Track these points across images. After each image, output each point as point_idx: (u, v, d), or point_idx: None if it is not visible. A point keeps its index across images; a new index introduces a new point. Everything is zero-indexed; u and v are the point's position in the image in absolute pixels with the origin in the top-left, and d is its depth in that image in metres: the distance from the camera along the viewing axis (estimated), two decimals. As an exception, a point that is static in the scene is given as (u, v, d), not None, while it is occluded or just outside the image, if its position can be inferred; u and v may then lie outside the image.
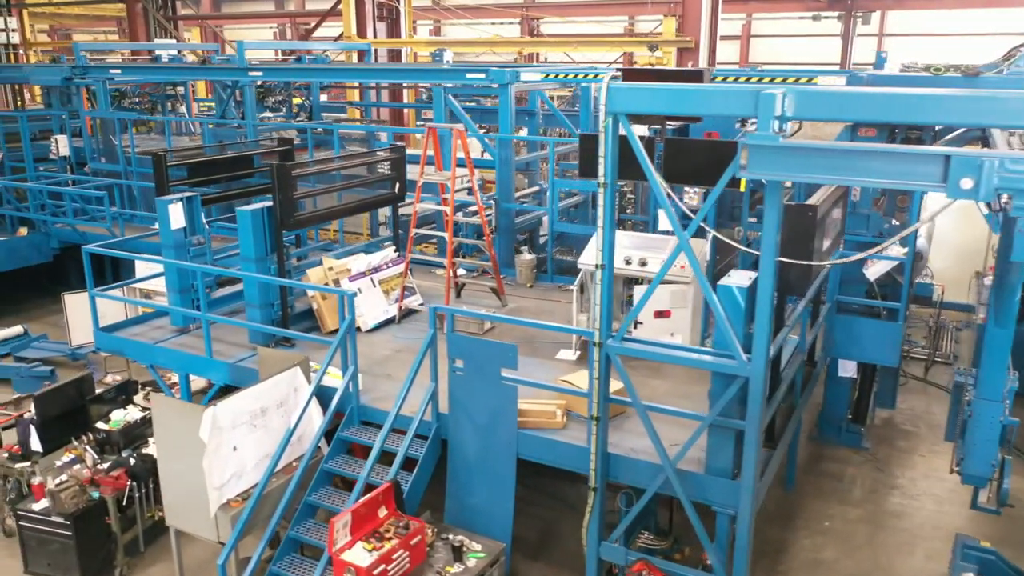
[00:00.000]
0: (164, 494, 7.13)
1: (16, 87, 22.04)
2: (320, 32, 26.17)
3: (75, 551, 7.42)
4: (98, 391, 8.80)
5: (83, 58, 15.44)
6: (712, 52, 17.36)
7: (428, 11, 29.79)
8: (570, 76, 11.61)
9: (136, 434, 8.44)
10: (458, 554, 6.56)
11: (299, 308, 9.43)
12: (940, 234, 12.86)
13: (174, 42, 22.88)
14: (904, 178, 4.57)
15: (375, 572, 6.04)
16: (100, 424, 8.41)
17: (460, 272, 10.39)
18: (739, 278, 6.00)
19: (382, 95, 20.18)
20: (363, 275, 9.62)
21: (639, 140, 5.53)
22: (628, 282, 8.91)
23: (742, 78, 10.63)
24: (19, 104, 22.34)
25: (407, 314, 9.89)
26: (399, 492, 6.72)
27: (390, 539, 6.35)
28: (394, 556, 6.22)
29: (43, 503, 7.51)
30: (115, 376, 9.72)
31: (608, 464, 6.49)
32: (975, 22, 24.41)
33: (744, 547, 6.03)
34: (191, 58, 21.55)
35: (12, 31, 22.74)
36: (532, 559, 8.04)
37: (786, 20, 29.33)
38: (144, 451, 8.21)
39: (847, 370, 9.90)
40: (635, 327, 8.02)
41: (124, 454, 8.10)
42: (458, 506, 7.26)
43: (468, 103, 14.90)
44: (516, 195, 11.61)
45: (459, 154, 9.46)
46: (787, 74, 11.33)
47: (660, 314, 8.39)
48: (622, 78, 9.19)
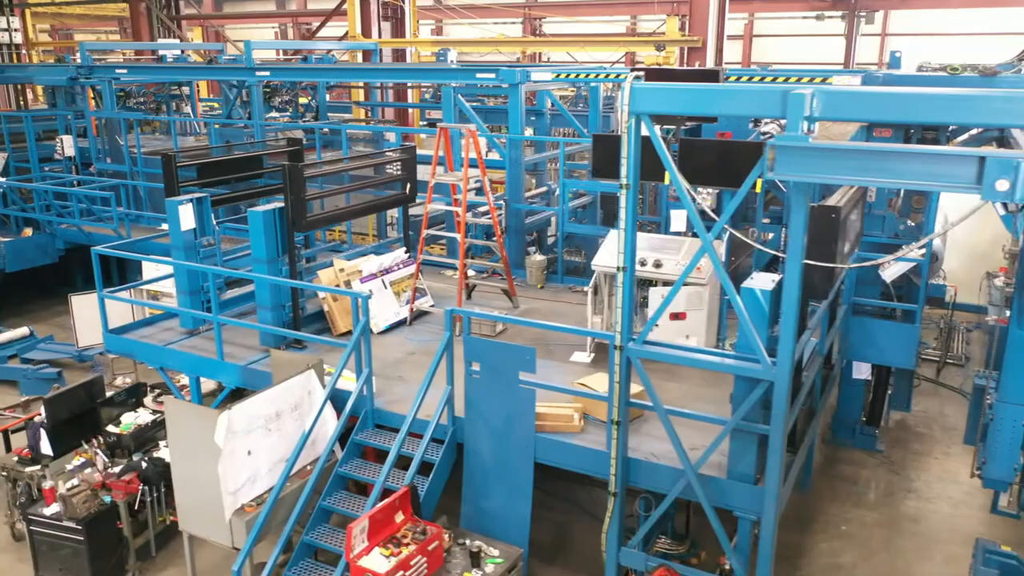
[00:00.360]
0: (177, 499, 7.05)
1: (18, 87, 21.94)
2: (322, 32, 26.05)
3: (87, 556, 7.34)
4: (108, 394, 8.72)
5: (88, 58, 15.35)
6: (719, 52, 17.29)
7: (431, 11, 29.71)
8: (580, 76, 11.52)
9: (147, 437, 8.36)
10: (476, 560, 6.49)
11: (310, 310, 9.36)
12: (950, 234, 12.78)
13: (178, 42, 22.79)
14: (937, 180, 4.49)
15: (393, 578, 5.97)
16: (110, 427, 8.32)
17: (469, 273, 10.32)
18: (762, 281, 5.93)
19: (387, 95, 20.11)
20: (374, 276, 9.55)
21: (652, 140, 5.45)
22: (642, 284, 8.83)
23: (755, 78, 10.55)
24: (20, 104, 22.25)
25: (418, 316, 9.82)
26: (416, 497, 6.64)
27: (407, 545, 6.28)
28: (412, 562, 6.15)
29: (54, 507, 7.43)
30: (125, 379, 9.63)
31: (628, 469, 6.41)
32: (977, 22, 24.31)
33: (768, 553, 5.95)
34: (195, 58, 21.49)
35: (15, 31, 22.62)
36: (548, 563, 7.96)
37: (789, 20, 29.23)
38: (155, 455, 8.13)
39: (861, 372, 9.84)
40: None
41: (135, 458, 8.02)
42: (474, 510, 7.18)
43: (472, 103, 14.83)
44: (524, 196, 11.55)
45: (470, 154, 9.39)
46: (798, 73, 11.26)
47: (676, 316, 8.31)
48: (644, 78, 9.21)
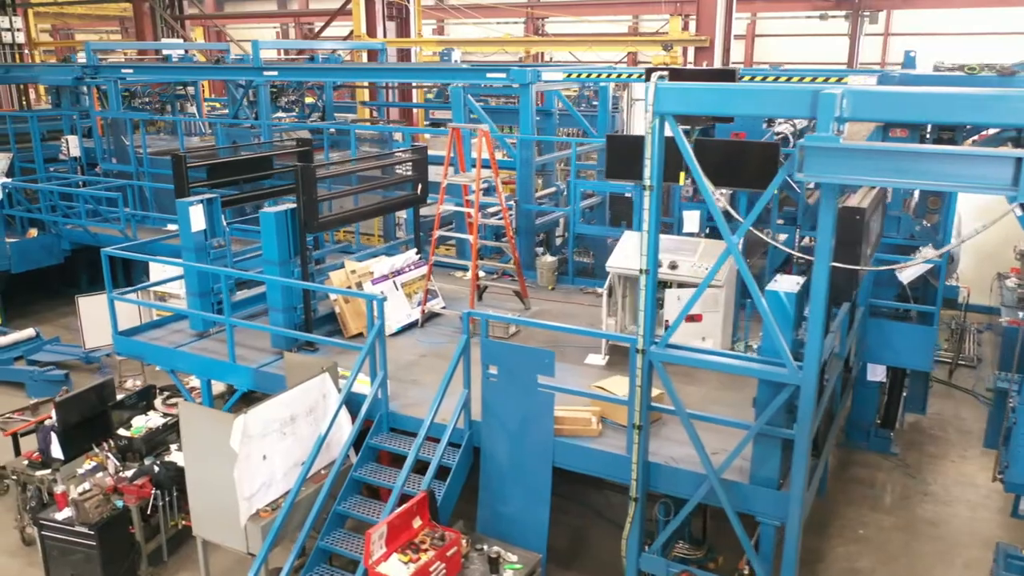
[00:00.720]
0: (191, 504, 6.97)
1: (20, 87, 21.85)
2: (325, 32, 25.97)
3: (99, 561, 7.25)
4: (119, 397, 8.63)
5: (94, 58, 15.26)
6: (726, 51, 17.22)
7: (433, 10, 29.62)
8: (591, 76, 11.44)
9: (158, 441, 8.28)
10: (495, 566, 6.40)
11: (321, 312, 9.28)
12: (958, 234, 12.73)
13: (183, 41, 22.70)
14: (971, 181, 4.42)
15: (412, 585, 5.90)
16: (121, 431, 8.24)
17: (480, 274, 10.23)
18: (786, 283, 5.85)
19: (392, 95, 20.02)
20: (385, 278, 9.47)
21: (667, 140, 5.38)
22: (657, 285, 8.75)
23: (769, 78, 10.47)
24: (22, 104, 22.16)
25: (429, 317, 9.74)
26: (434, 502, 6.56)
27: (426, 550, 6.20)
28: (431, 568, 6.07)
29: (66, 512, 7.35)
30: (135, 381, 9.54)
31: (649, 474, 6.33)
32: (979, 21, 24.24)
33: (792, 559, 5.88)
34: (199, 58, 21.39)
35: (17, 31, 22.53)
36: (565, 569, 7.88)
37: (792, 20, 29.15)
38: (167, 458, 8.06)
39: (876, 374, 9.75)
40: (664, 332, 7.88)
41: (147, 461, 7.94)
42: (491, 515, 7.10)
43: (477, 102, 14.73)
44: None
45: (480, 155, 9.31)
46: (809, 73, 11.16)
47: (691, 318, 8.22)
48: (668, 78, 9.13)
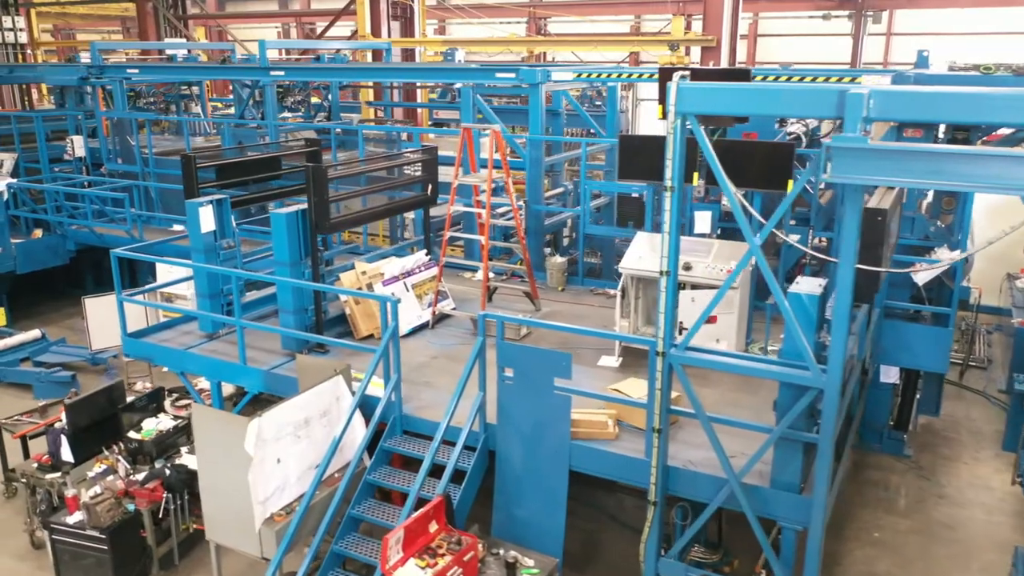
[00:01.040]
0: (204, 508, 6.90)
1: (23, 87, 21.79)
2: (328, 32, 25.90)
3: (110, 565, 7.20)
4: (129, 399, 8.57)
5: (99, 57, 15.19)
6: (732, 51, 17.15)
7: (435, 10, 29.56)
8: (602, 76, 11.37)
9: (169, 443, 8.22)
10: (512, 571, 6.34)
11: (331, 313, 9.22)
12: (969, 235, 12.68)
13: (188, 41, 22.63)
14: (1007, 182, 4.35)
15: (430, 590, 5.83)
16: (132, 433, 8.18)
17: (489, 275, 10.17)
18: (808, 285, 5.79)
19: (395, 95, 19.95)
20: (396, 279, 9.40)
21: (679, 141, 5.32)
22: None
23: (783, 77, 10.40)
24: (25, 104, 22.09)
25: (440, 319, 9.67)
26: (450, 506, 6.49)
27: (443, 555, 6.13)
28: (448, 573, 6.00)
29: (77, 516, 7.28)
30: (145, 383, 9.48)
31: (668, 477, 6.27)
32: (982, 21, 24.21)
33: (815, 565, 5.81)
34: (203, 58, 21.32)
35: (20, 30, 22.48)
36: (578, 572, 7.83)
37: (794, 19, 29.10)
38: (177, 461, 7.99)
39: (889, 376, 9.69)
40: (679, 334, 7.81)
41: (158, 465, 7.88)
42: (506, 519, 7.03)
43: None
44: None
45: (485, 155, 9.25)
46: (819, 73, 11.09)
47: (707, 320, 8.17)
48: (661, 78, 9.06)
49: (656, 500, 6.20)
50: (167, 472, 7.64)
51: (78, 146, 15.08)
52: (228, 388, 9.82)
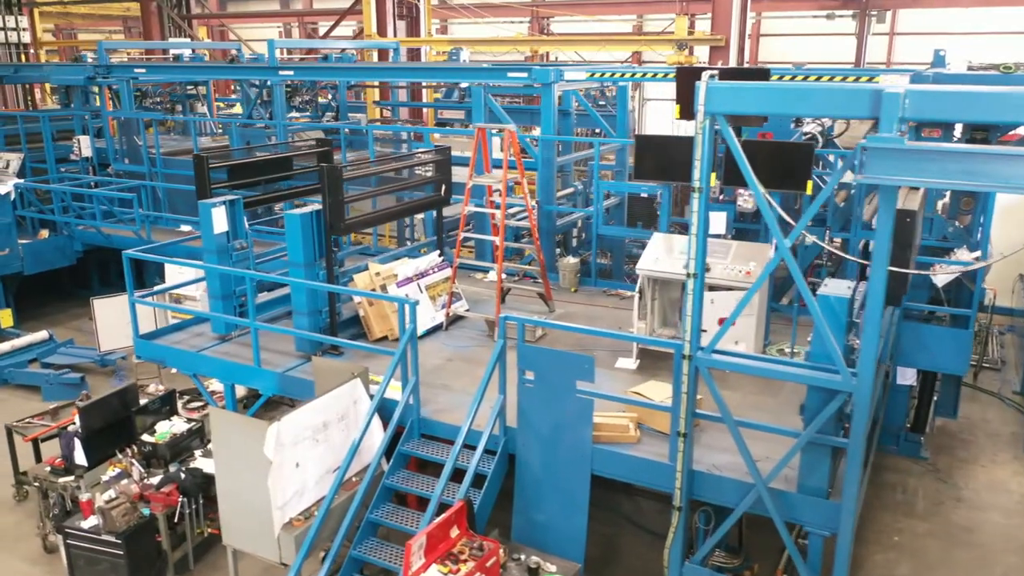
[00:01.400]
0: (221, 512, 6.82)
1: (26, 86, 21.69)
2: (331, 31, 25.80)
3: (126, 570, 7.12)
4: (142, 402, 8.48)
5: (106, 57, 15.10)
6: (740, 50, 17.08)
7: (440, 9, 29.47)
8: (615, 75, 11.30)
9: (182, 447, 8.14)
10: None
11: (345, 314, 9.14)
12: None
13: (194, 41, 22.55)
14: (1048, 184, 4.28)
15: (453, 596, 5.76)
16: (145, 436, 8.10)
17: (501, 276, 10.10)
18: (837, 288, 5.71)
19: (399, 94, 19.86)
20: (410, 280, 9.32)
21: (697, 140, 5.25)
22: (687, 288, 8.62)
23: (799, 77, 10.31)
24: (28, 104, 22.00)
25: (453, 320, 9.60)
26: (471, 511, 6.42)
27: (465, 561, 6.06)
28: (471, 579, 5.93)
29: (92, 521, 7.20)
30: (158, 386, 9.40)
31: (692, 482, 6.19)
32: (985, 21, 24.17)
33: (844, 571, 5.74)
34: (207, 57, 21.22)
35: (23, 30, 22.40)
36: (598, 576, 7.76)
37: (798, 19, 29.04)
38: (192, 464, 7.91)
39: (906, 378, 9.60)
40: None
41: (172, 468, 7.80)
42: (526, 523, 6.95)
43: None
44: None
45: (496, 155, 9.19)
46: (835, 72, 11.03)
47: (724, 322, 8.10)
48: (678, 78, 8.98)
49: (681, 505, 6.12)
50: (182, 476, 7.56)
51: (85, 146, 14.99)
52: (240, 390, 9.75)
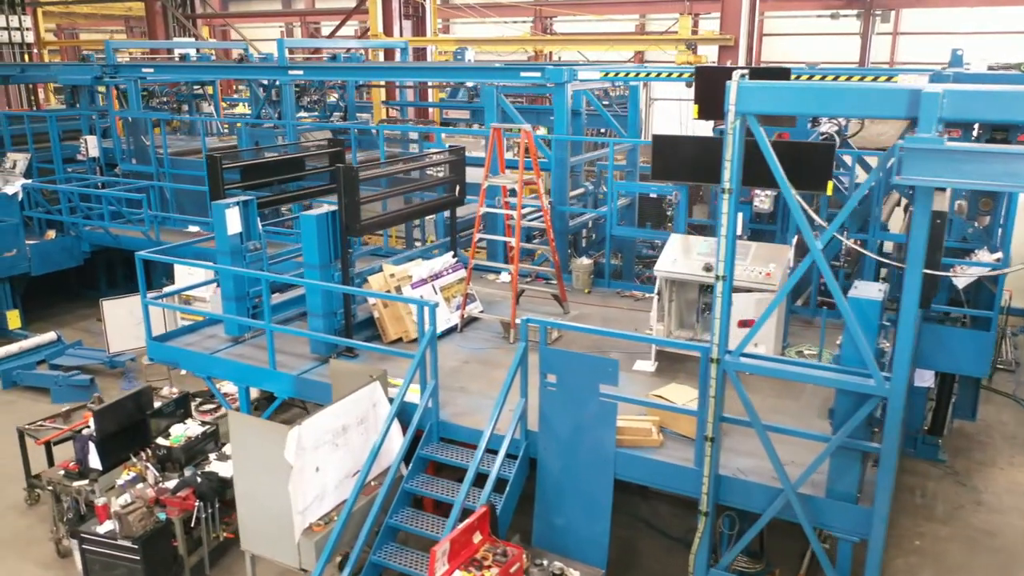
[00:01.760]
0: (240, 517, 6.74)
1: (29, 86, 21.61)
2: (331, 30, 25.77)
3: (143, 575, 7.03)
4: (156, 405, 8.40)
5: (113, 57, 15.02)
6: (750, 50, 17.01)
7: (443, 8, 29.42)
8: (629, 75, 11.22)
9: (197, 450, 8.05)
10: (558, 582, 6.19)
11: (359, 316, 9.05)
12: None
13: (203, 40, 22.48)
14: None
15: (478, 603, 5.68)
16: (160, 440, 8.01)
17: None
18: (868, 290, 5.64)
19: (409, 94, 19.79)
20: (424, 282, 9.25)
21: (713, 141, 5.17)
22: (704, 289, 8.56)
23: (816, 77, 10.24)
24: (31, 104, 21.91)
25: (468, 322, 9.52)
26: (494, 516, 6.34)
27: (489, 567, 5.98)
28: (495, 586, 5.86)
29: (108, 526, 7.12)
30: (172, 389, 9.32)
31: (719, 487, 6.11)
32: (989, 21, 24.16)
33: (875, 577, 5.67)
34: (214, 57, 21.13)
35: (27, 30, 22.32)
36: (619, 581, 7.68)
37: (801, 19, 28.99)
38: (207, 468, 7.83)
39: (924, 379, 9.51)
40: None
41: (187, 472, 7.72)
42: (547, 528, 6.87)
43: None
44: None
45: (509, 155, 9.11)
46: (849, 72, 10.97)
47: (744, 323, 8.02)
48: (696, 77, 8.91)
49: (708, 510, 6.05)
50: (198, 480, 7.48)
51: (92, 146, 14.90)
52: (252, 392, 9.66)
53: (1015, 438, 10.48)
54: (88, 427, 7.89)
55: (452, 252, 10.04)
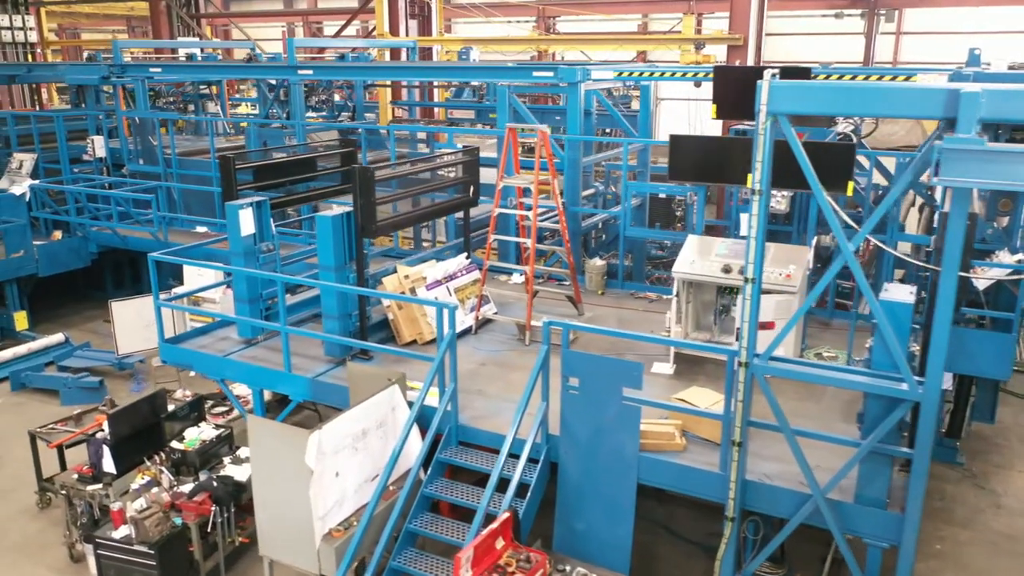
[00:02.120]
0: (258, 522, 6.66)
1: (32, 86, 21.52)
2: (333, 30, 25.68)
3: (158, 581, 6.96)
4: (170, 408, 8.32)
5: (121, 56, 14.93)
6: (758, 49, 16.94)
7: (446, 8, 29.32)
8: (644, 74, 11.14)
9: (211, 454, 7.97)
10: (582, 588, 6.11)
11: (374, 318, 8.97)
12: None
13: (204, 40, 22.38)
14: None
15: (503, 610, 5.60)
16: (174, 443, 7.93)
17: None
18: (899, 293, 5.55)
19: (416, 94, 19.73)
20: (439, 283, 9.17)
21: (730, 141, 5.09)
22: (722, 291, 8.48)
23: (833, 76, 10.15)
24: (35, 104, 21.82)
25: (483, 324, 9.44)
26: (517, 521, 6.26)
27: (513, 573, 5.90)
28: (520, 592, 5.78)
29: (123, 530, 7.03)
30: (185, 392, 9.23)
31: (746, 492, 6.03)
32: (991, 21, 24.09)
33: (906, 584, 5.59)
34: (219, 57, 21.06)
35: (30, 30, 22.23)
36: (640, 587, 7.59)
37: (804, 19, 28.91)
38: (221, 472, 7.75)
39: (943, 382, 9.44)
40: (736, 339, 7.59)
41: (202, 476, 7.63)
42: (569, 533, 6.79)
43: (494, 102, 14.38)
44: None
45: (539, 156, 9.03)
46: (861, 72, 10.89)
47: (764, 326, 7.92)
48: (715, 77, 8.82)
49: (734, 516, 5.97)
50: (214, 484, 7.39)
51: (99, 146, 14.80)
52: (265, 395, 9.58)
53: (1033, 441, 10.41)
54: (102, 430, 7.80)
55: (465, 253, 9.97)
